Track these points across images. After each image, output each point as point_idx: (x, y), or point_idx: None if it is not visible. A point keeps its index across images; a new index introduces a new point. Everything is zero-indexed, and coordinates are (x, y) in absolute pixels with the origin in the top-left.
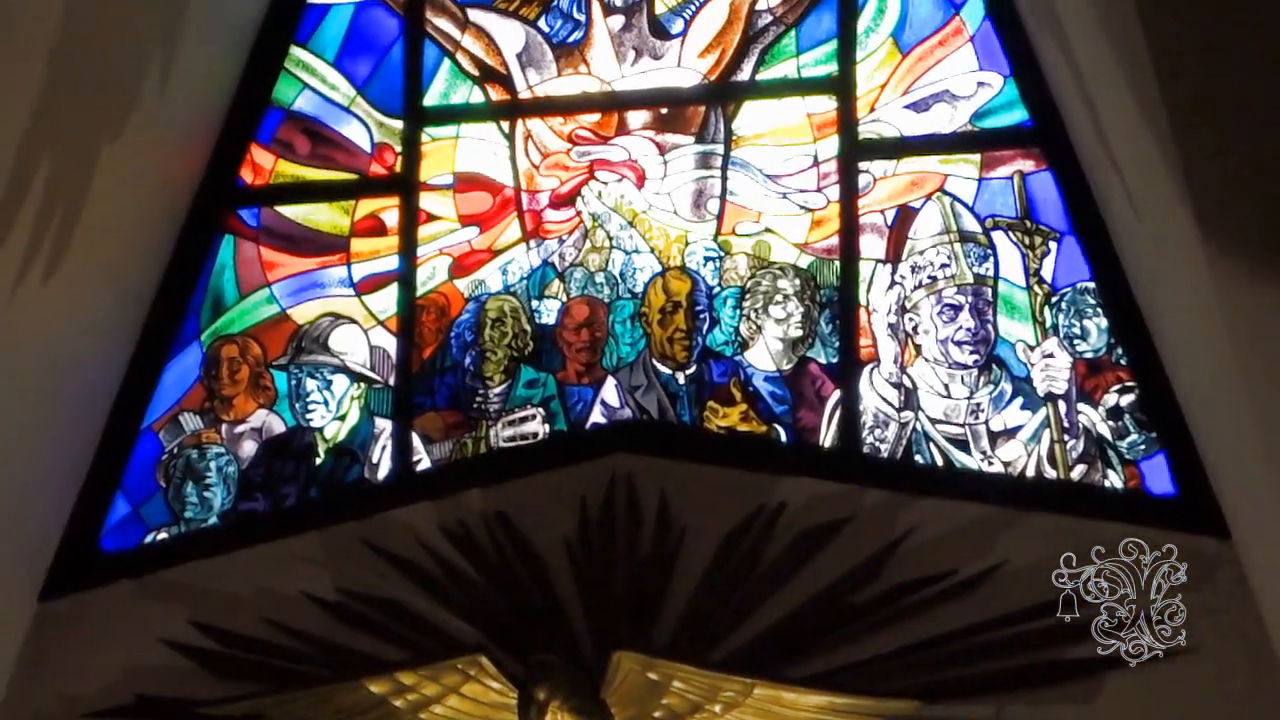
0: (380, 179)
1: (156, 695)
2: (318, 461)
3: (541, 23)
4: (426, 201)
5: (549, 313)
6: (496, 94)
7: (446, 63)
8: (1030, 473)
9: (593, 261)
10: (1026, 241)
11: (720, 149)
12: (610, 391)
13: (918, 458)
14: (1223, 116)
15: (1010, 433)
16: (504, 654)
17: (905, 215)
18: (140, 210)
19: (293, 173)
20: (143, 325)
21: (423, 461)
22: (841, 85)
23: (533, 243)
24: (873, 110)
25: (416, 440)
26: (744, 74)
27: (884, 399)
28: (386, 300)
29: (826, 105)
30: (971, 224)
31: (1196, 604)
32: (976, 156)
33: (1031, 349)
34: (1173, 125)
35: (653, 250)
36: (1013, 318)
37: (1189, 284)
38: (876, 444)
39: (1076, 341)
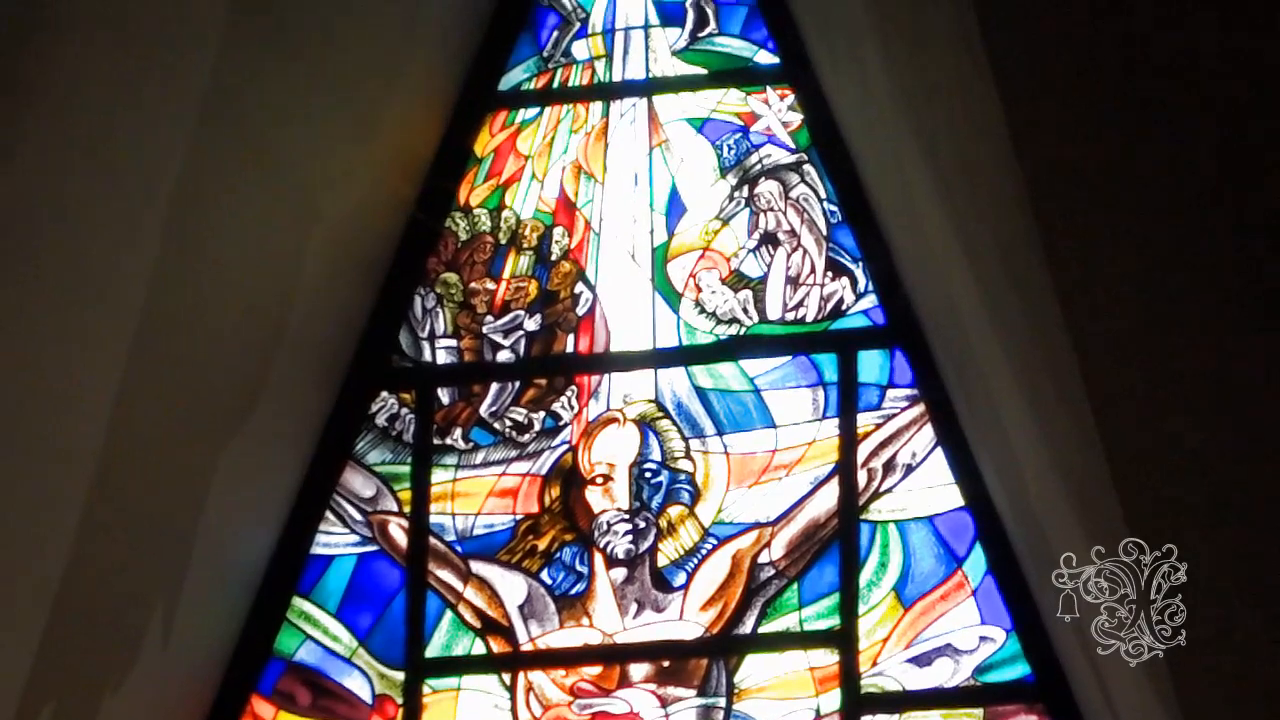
0: None
1: None
2: None
3: (544, 575)
4: None
5: None
6: (498, 645)
7: (448, 614)
8: None
9: None
10: None
11: (722, 702)
12: None
13: None
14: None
15: None
16: None
17: None
18: None
19: None
20: None
21: None
22: (844, 639)
23: None
24: (875, 664)
25: None
26: (746, 627)
27: None
28: None
29: (829, 659)
30: None
31: None
32: (979, 711)
33: None
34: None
35: None
36: None
37: None
38: None
39: None
